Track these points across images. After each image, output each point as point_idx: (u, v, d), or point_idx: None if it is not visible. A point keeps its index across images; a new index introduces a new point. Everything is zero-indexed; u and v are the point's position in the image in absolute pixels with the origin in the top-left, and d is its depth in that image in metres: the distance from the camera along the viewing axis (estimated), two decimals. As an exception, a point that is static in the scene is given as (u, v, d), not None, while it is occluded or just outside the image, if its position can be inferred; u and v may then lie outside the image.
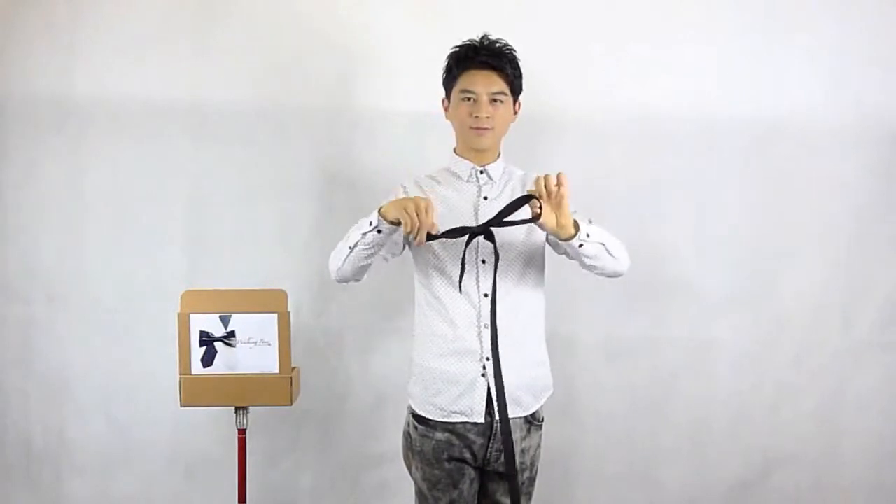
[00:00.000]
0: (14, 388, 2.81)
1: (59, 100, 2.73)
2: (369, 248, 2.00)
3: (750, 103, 2.70)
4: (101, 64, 2.72)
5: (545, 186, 1.86)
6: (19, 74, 2.73)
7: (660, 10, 2.69)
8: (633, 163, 2.71)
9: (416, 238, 1.87)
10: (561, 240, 1.97)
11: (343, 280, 2.09)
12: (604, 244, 2.00)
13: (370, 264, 2.06)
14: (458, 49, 2.11)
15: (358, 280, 2.11)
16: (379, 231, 1.95)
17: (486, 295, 2.04)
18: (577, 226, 1.94)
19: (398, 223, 1.91)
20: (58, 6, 2.72)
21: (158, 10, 2.71)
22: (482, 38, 2.10)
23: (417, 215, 1.85)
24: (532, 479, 2.17)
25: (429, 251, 2.08)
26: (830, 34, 2.69)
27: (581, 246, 1.97)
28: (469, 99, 2.07)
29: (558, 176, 1.86)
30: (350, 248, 2.00)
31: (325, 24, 2.71)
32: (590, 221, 2.04)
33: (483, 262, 2.04)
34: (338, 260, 2.05)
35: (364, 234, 1.97)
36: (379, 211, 1.95)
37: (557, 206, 1.88)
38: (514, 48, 2.10)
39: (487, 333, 2.03)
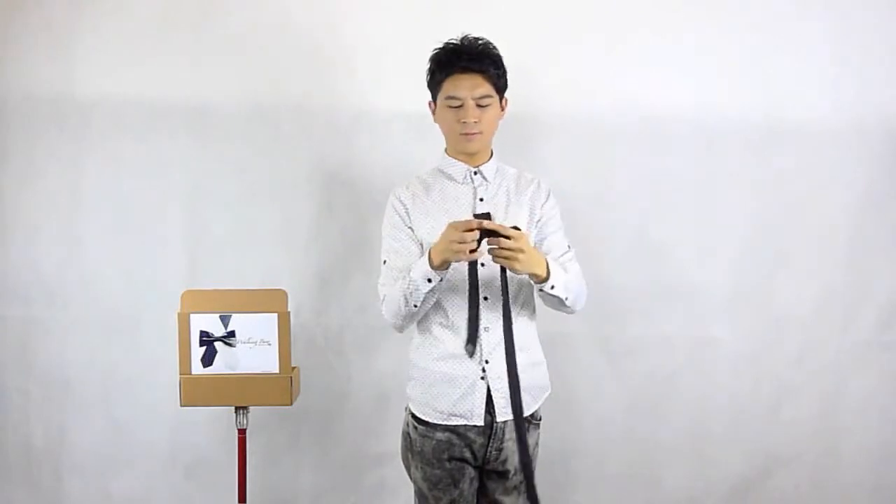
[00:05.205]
0: (14, 388, 2.81)
1: (58, 100, 2.73)
2: (432, 297, 2.00)
3: (750, 103, 2.69)
4: (100, 63, 2.72)
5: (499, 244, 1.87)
6: (19, 74, 2.73)
7: (658, 9, 2.69)
8: (632, 162, 2.71)
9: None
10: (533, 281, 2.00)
11: (404, 329, 2.10)
12: (564, 297, 2.01)
13: None
14: (438, 52, 2.08)
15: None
16: (441, 280, 1.96)
17: (485, 298, 2.04)
18: (549, 270, 1.95)
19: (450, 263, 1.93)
20: (57, 6, 2.72)
21: (158, 9, 2.71)
22: (462, 38, 2.06)
23: (463, 243, 1.86)
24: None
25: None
26: (830, 34, 2.69)
27: (541, 291, 2.00)
28: (455, 106, 2.05)
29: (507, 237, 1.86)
30: (416, 305, 1.99)
31: (324, 25, 2.71)
32: (568, 247, 2.08)
33: (482, 265, 2.04)
34: (399, 317, 2.04)
35: (431, 291, 1.96)
36: (431, 265, 1.92)
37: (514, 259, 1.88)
38: (496, 45, 2.07)
39: (486, 336, 2.04)
